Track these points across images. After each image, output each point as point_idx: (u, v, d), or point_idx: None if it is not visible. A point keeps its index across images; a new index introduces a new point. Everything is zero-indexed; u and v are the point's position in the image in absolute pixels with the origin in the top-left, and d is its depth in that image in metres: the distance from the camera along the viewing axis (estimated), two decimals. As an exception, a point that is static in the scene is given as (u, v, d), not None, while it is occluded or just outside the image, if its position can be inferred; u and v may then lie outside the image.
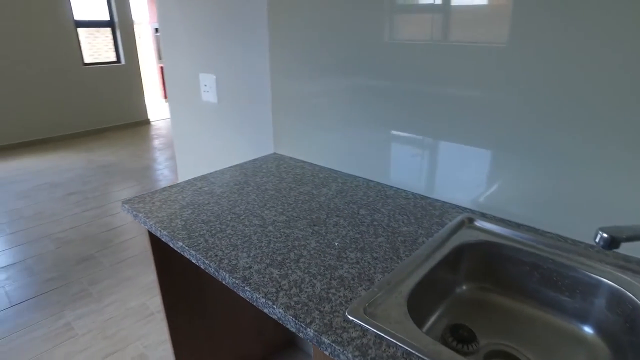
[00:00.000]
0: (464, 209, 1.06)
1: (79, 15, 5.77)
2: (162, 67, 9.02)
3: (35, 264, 2.71)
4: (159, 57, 9.07)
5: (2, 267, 2.68)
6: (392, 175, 1.21)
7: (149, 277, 2.51)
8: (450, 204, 1.10)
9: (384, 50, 1.11)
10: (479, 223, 0.99)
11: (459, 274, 0.95)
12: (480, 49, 0.93)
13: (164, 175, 4.32)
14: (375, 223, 1.00)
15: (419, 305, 0.79)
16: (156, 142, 5.57)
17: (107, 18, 6.10)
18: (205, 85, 1.81)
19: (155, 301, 2.29)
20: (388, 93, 1.14)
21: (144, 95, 6.62)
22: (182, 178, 2.24)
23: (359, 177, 1.30)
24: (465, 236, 0.95)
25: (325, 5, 1.21)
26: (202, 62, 1.82)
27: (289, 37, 1.36)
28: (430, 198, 1.13)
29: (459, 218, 1.01)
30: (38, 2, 5.31)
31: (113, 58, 6.32)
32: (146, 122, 6.68)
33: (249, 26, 1.52)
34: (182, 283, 1.25)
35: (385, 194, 1.17)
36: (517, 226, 0.97)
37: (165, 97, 9.10)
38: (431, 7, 1.01)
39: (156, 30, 8.55)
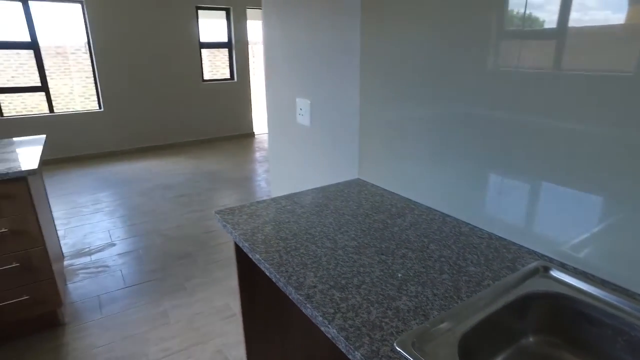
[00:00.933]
0: (541, 256, 1.02)
1: (203, 37, 6.49)
2: (270, 85, 9.67)
3: (144, 254, 3.09)
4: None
5: (122, 253, 3.11)
6: (470, 211, 1.20)
7: (235, 280, 2.71)
8: (527, 248, 1.06)
9: (484, 78, 1.09)
10: (556, 273, 0.95)
11: (525, 323, 0.91)
12: (604, 78, 0.85)
13: (260, 186, 4.63)
14: (442, 259, 1.01)
15: (474, 349, 0.79)
16: (257, 155, 5.99)
17: (226, 40, 6.76)
18: (301, 109, 1.95)
19: (237, 304, 2.47)
20: (482, 124, 1.12)
21: (251, 110, 7.18)
22: (275, 192, 2.41)
23: (436, 210, 1.31)
24: (537, 285, 0.92)
25: (420, 30, 1.25)
26: (299, 87, 1.97)
27: (380, 62, 1.43)
28: (506, 240, 1.11)
29: (533, 265, 0.97)
30: (175, 26, 6.10)
31: (227, 75, 6.96)
32: (251, 135, 7.21)
33: (343, 52, 1.62)
34: (259, 290, 1.37)
35: (459, 230, 1.17)
36: (602, 283, 0.91)
37: (270, 112, 9.71)
38: (544, 32, 0.96)
39: (268, 50, 9.25)
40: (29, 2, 5.31)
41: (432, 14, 1.20)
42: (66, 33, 9.46)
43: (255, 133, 7.30)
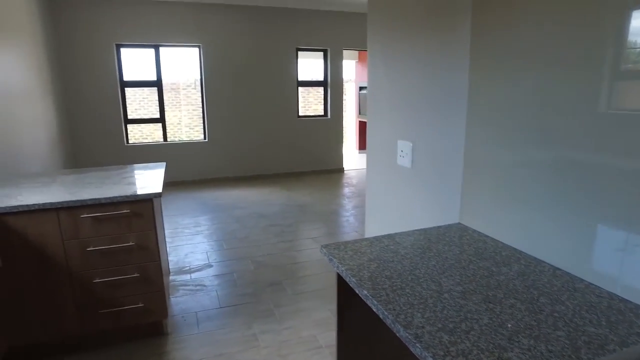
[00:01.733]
0: (674, 325, 0.94)
1: (301, 76, 6.92)
2: (360, 122, 9.91)
3: (238, 278, 3.29)
4: (359, 112, 9.99)
5: (217, 275, 3.34)
6: (586, 267, 1.14)
7: (323, 313, 2.77)
8: (656, 314, 0.98)
9: (600, 122, 1.05)
10: (692, 345, 0.87)
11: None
12: None
13: (348, 222, 4.71)
14: (555, 314, 0.97)
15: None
16: (346, 190, 6.12)
17: (322, 78, 7.12)
18: (402, 151, 2.01)
19: (325, 336, 2.51)
20: (599, 172, 1.07)
21: (342, 146, 7.40)
22: (368, 230, 2.46)
23: (544, 262, 1.26)
24: (670, 356, 0.84)
25: (531, 70, 1.24)
26: (400, 129, 2.03)
27: (488, 103, 1.44)
28: (631, 303, 1.03)
29: (664, 333, 0.90)
30: (276, 66, 6.61)
31: (321, 112, 7.29)
32: (340, 171, 7.40)
33: (448, 94, 1.66)
34: (357, 326, 1.40)
35: (573, 286, 1.11)
36: None
37: (360, 148, 9.90)
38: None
39: (360, 88, 9.52)
40: (160, 48, 6.12)
41: (545, 55, 1.20)
42: (180, 72, 10.72)
43: (344, 169, 7.47)
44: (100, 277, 2.25)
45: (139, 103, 10.75)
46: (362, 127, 9.75)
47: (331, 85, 7.08)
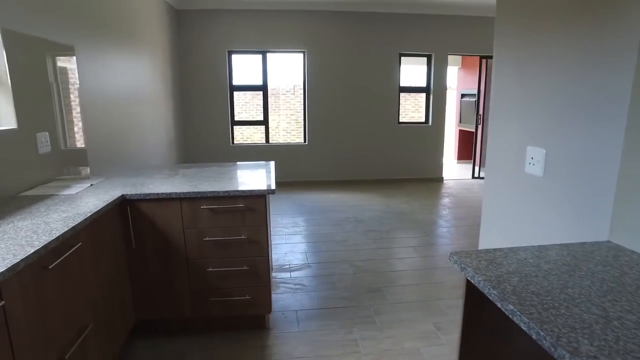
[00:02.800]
0: None
1: (403, 82, 6.78)
2: (460, 130, 9.45)
3: (337, 281, 3.26)
4: (460, 121, 9.53)
5: (317, 276, 3.35)
6: None
7: (426, 326, 2.62)
8: None
9: None
10: None
11: None
12: None
13: (450, 233, 4.46)
14: None
15: None
16: (446, 200, 5.84)
17: (425, 85, 6.91)
18: (532, 159, 1.82)
19: (429, 351, 2.37)
20: None
21: (442, 155, 7.10)
22: (484, 241, 2.28)
23: None
24: None
25: None
26: (531, 135, 1.84)
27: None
28: None
29: None
30: (378, 72, 6.57)
31: (422, 119, 7.07)
32: (439, 180, 7.10)
33: (599, 96, 1.45)
34: (485, 341, 1.27)
35: None
36: None
37: (458, 158, 9.44)
38: None
39: (462, 95, 9.07)
40: (267, 54, 6.42)
41: None
42: (281, 78, 11.19)
43: (444, 178, 7.16)
44: (213, 266, 2.37)
45: (242, 107, 11.46)
46: (462, 136, 9.28)
47: (434, 91, 6.84)
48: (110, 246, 2.08)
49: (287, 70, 10.50)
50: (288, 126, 12.32)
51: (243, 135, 11.89)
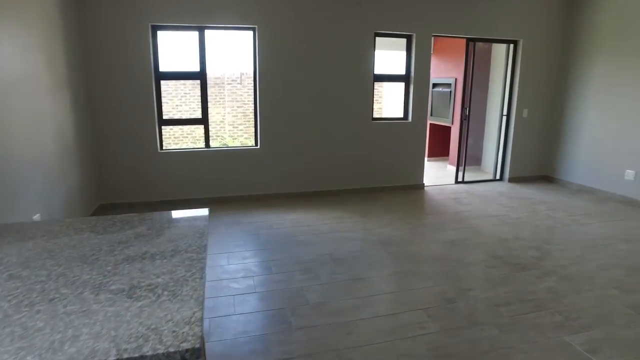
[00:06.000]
0: None
1: (378, 69, 5.47)
2: (431, 124, 8.31)
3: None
4: (431, 114, 8.40)
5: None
6: None
7: None
8: None
9: None
10: None
11: None
12: None
13: (475, 277, 3.19)
14: None
15: None
16: (436, 218, 4.60)
17: (403, 72, 5.65)
18: None
19: None
20: None
21: (424, 157, 5.90)
22: None
23: None
24: None
25: None
26: None
27: None
28: None
29: None
30: (348, 55, 5.22)
31: (400, 114, 5.82)
32: (420, 187, 5.91)
33: None
34: None
35: None
36: None
37: (429, 155, 8.31)
38: None
39: (434, 85, 7.91)
40: (205, 30, 4.85)
41: None
42: (227, 63, 9.46)
43: (424, 185, 5.97)
44: None
45: (175, 100, 9.65)
46: (434, 130, 8.17)
47: (415, 80, 5.59)
48: None
49: (234, 53, 8.87)
50: (235, 120, 10.67)
51: (176, 137, 10.02)
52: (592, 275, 3.23)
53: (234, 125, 10.53)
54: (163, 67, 4.83)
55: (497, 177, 6.46)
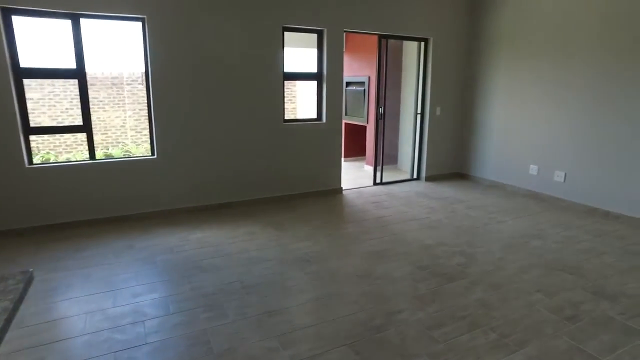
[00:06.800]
0: None
1: (287, 67, 5.04)
2: (346, 124, 8.11)
3: None
4: (345, 113, 8.19)
5: None
6: None
7: None
8: None
9: None
10: None
11: None
12: None
13: (403, 295, 2.90)
14: None
15: None
16: (358, 226, 4.30)
17: (315, 70, 5.29)
18: None
19: None
20: None
21: (341, 159, 5.60)
22: None
23: None
24: None
25: None
26: None
27: None
28: None
29: None
30: (254, 51, 4.72)
31: (314, 115, 5.46)
32: (337, 192, 5.60)
33: None
34: None
35: None
36: None
37: (345, 155, 8.10)
38: None
39: (347, 84, 7.70)
40: (81, 19, 4.05)
41: None
42: (122, 61, 8.41)
43: (342, 189, 5.68)
44: None
45: (48, 102, 8.34)
46: (350, 130, 7.97)
47: (327, 78, 5.26)
48: None
49: (130, 49, 7.86)
50: (137, 124, 9.60)
51: (68, 146, 8.59)
52: (516, 280, 3.13)
53: (137, 130, 9.47)
54: (25, 62, 3.94)
55: (414, 176, 6.39)
